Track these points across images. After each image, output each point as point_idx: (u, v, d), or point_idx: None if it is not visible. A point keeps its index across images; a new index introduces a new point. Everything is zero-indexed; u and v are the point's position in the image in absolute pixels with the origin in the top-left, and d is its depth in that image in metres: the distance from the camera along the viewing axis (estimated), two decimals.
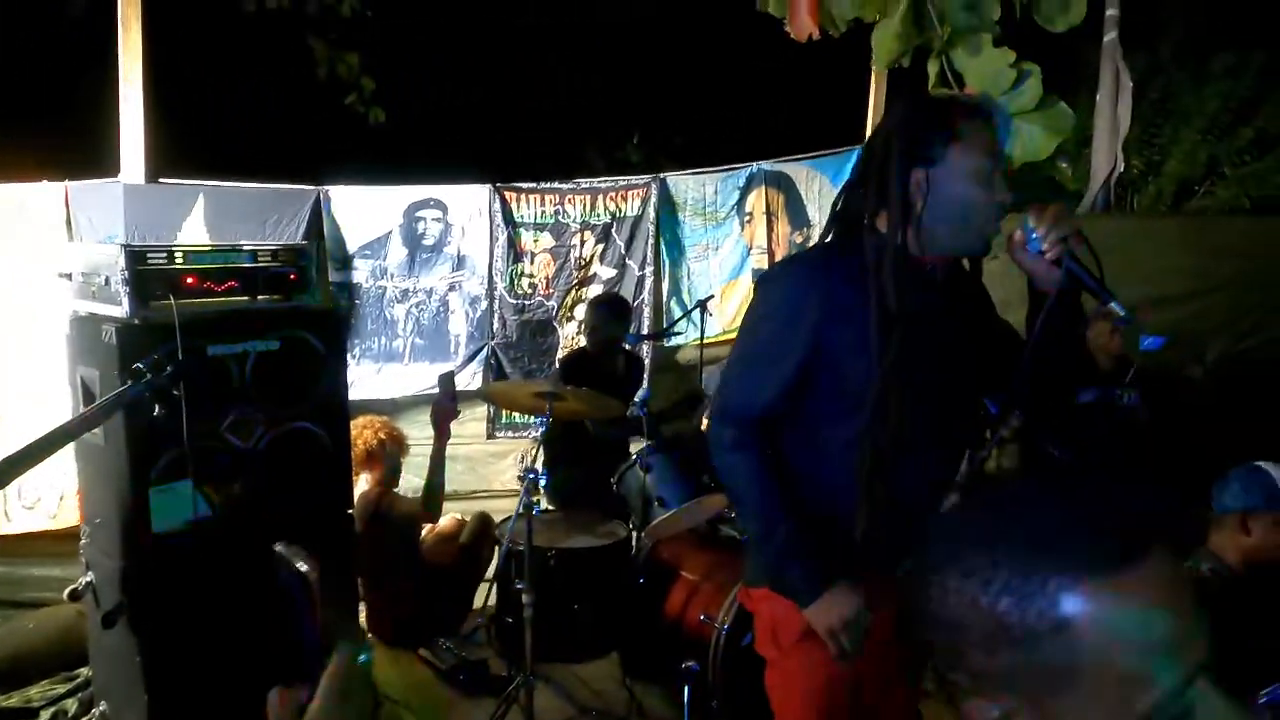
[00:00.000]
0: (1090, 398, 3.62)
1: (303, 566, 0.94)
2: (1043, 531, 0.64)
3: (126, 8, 3.33)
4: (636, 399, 3.63)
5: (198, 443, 2.19)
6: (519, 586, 2.65)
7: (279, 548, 0.94)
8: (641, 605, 2.86)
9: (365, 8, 7.36)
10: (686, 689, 2.56)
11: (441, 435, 2.98)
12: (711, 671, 2.57)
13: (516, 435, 4.62)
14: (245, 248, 2.38)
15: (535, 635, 2.62)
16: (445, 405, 2.95)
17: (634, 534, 3.06)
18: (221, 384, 2.29)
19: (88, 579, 2.39)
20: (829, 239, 1.62)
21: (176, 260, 2.22)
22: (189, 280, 2.23)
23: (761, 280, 1.65)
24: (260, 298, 2.39)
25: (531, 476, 2.64)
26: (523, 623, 2.62)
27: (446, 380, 2.97)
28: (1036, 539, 0.63)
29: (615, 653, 3.05)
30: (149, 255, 2.17)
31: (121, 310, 2.15)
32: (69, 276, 2.37)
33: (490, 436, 4.61)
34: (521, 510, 2.61)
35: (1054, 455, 3.38)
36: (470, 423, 4.42)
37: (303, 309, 2.46)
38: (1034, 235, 1.43)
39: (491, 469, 4.65)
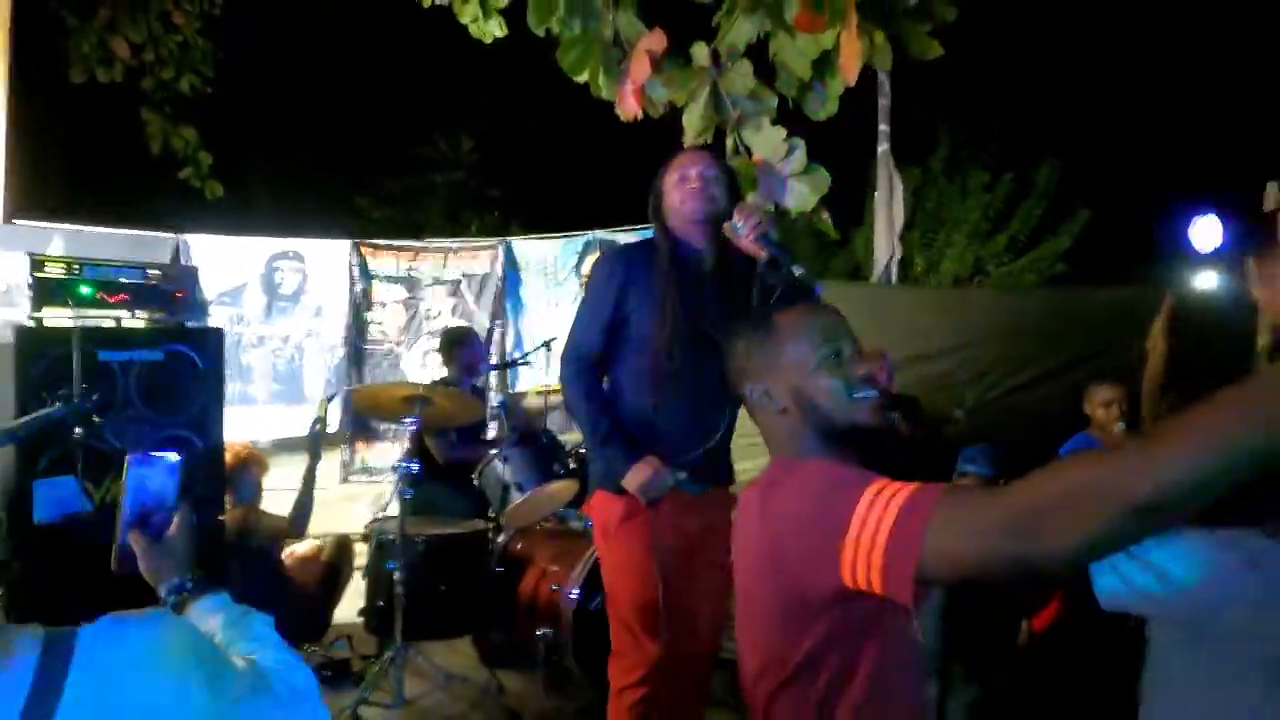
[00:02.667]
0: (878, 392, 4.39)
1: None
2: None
3: None
4: (495, 401, 4.00)
5: (83, 442, 2.37)
6: (390, 568, 2.95)
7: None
8: (498, 593, 3.19)
9: (206, 84, 7.37)
10: (543, 650, 2.93)
11: (313, 456, 3.26)
12: (564, 633, 2.94)
13: (371, 479, 4.82)
14: (137, 264, 2.62)
15: (406, 614, 2.91)
16: (315, 430, 3.24)
17: (492, 526, 3.39)
18: (108, 388, 2.49)
19: None
20: (641, 240, 2.36)
21: (74, 271, 2.44)
22: (85, 290, 2.45)
23: (590, 271, 2.32)
24: (148, 313, 2.62)
25: (404, 467, 2.97)
26: (394, 603, 2.91)
27: (321, 407, 3.28)
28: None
29: (476, 639, 3.34)
30: (48, 264, 2.39)
31: (21, 313, 2.34)
32: None
33: (344, 481, 4.78)
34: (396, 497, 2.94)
35: None
36: (326, 466, 4.58)
37: (186, 326, 2.70)
38: (738, 226, 2.08)
39: (344, 512, 4.79)
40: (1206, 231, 4.20)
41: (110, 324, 2.60)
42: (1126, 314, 5.23)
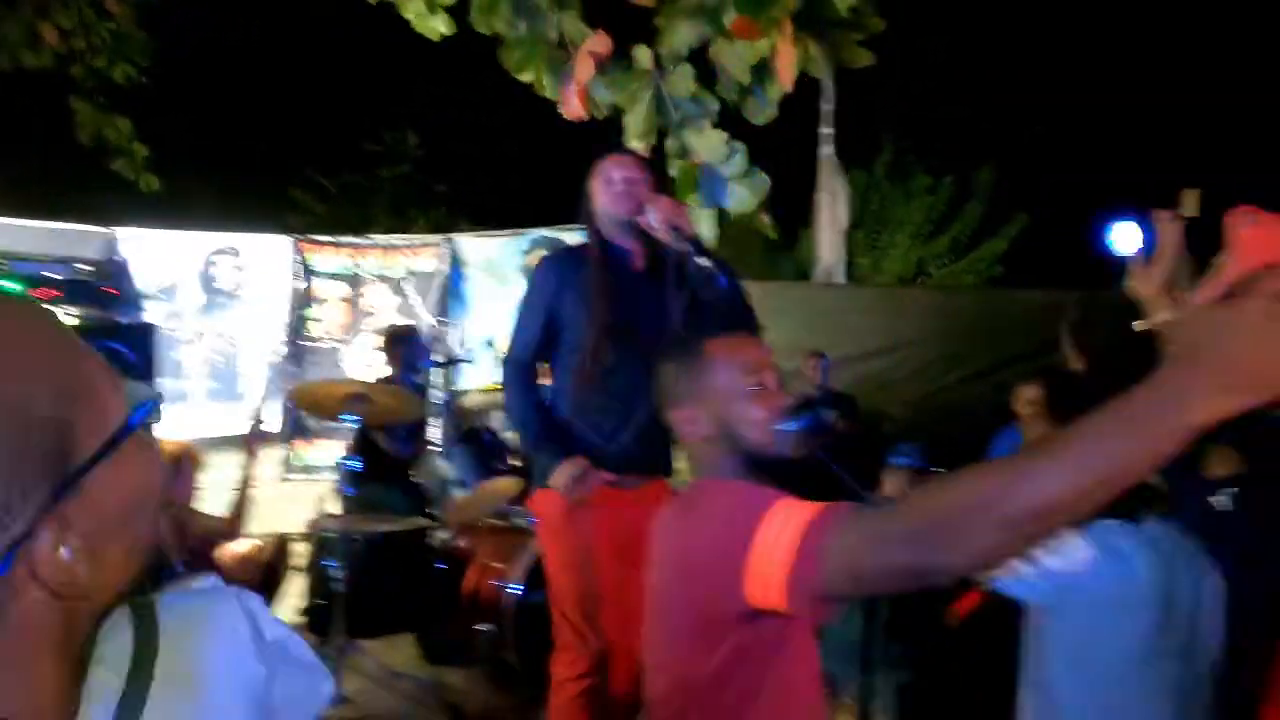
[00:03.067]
0: (804, 424, 4.51)
1: None
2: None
3: None
4: (438, 399, 3.99)
5: None
6: (331, 565, 2.95)
7: None
8: (440, 589, 3.19)
9: (141, 74, 7.13)
10: (484, 646, 2.97)
11: (251, 455, 3.21)
12: (506, 628, 2.97)
13: (311, 478, 4.76)
14: (66, 259, 2.57)
15: (347, 611, 2.91)
16: (254, 426, 3.21)
17: (432, 523, 3.39)
18: None
19: None
20: (575, 243, 2.40)
21: (1, 266, 2.38)
22: (11, 286, 2.39)
23: (531, 273, 2.37)
24: (79, 309, 2.57)
25: (346, 464, 2.97)
26: (335, 601, 2.91)
27: (255, 410, 3.24)
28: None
29: (418, 636, 3.34)
30: None
31: None
32: None
33: (284, 479, 4.71)
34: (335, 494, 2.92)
35: None
36: (265, 465, 4.51)
37: (118, 322, 2.66)
38: (651, 217, 2.17)
39: (284, 510, 4.71)
40: (1126, 235, 4.38)
41: None
42: (1056, 315, 5.46)
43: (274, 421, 4.52)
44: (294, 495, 4.71)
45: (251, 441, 3.20)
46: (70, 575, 0.54)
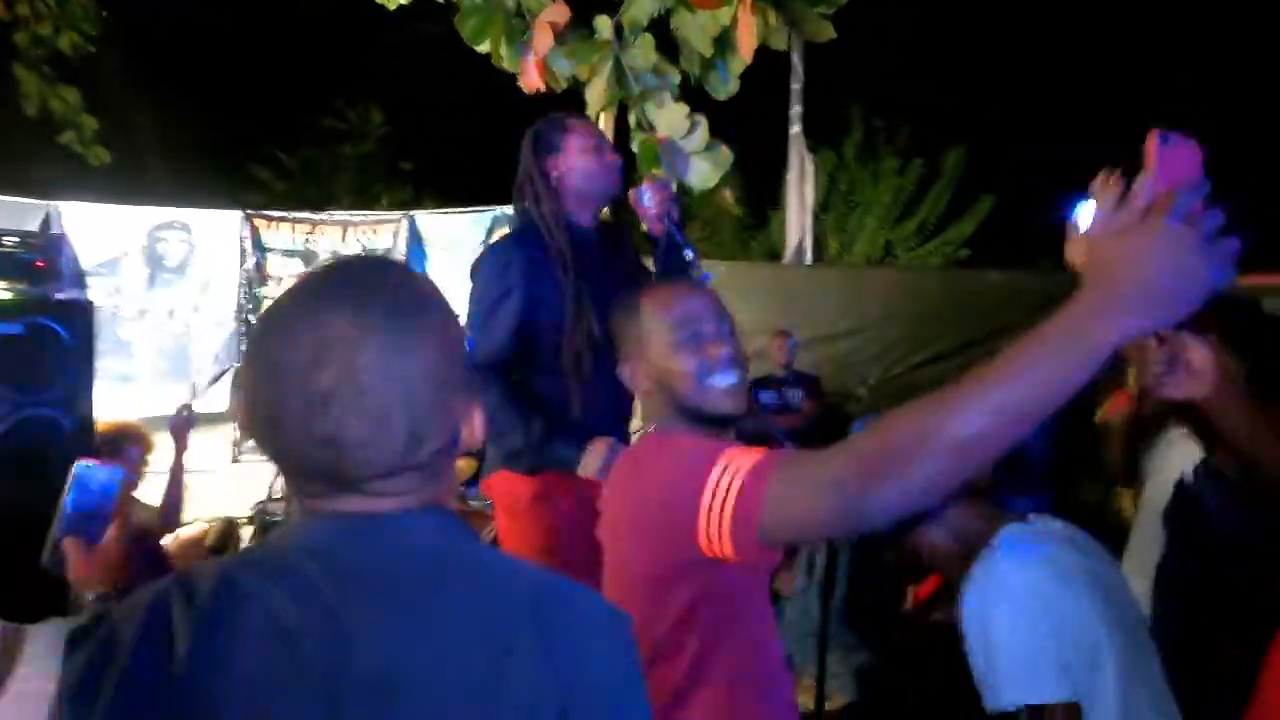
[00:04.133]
0: (770, 399, 4.47)
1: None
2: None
3: None
4: None
5: None
6: None
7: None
8: None
9: (89, 43, 6.85)
10: None
11: (180, 447, 3.10)
12: None
13: (262, 459, 4.63)
14: None
15: None
16: (181, 415, 3.09)
17: None
18: None
19: None
20: (514, 229, 2.18)
21: None
22: None
23: (473, 268, 2.12)
24: (3, 283, 2.44)
25: None
26: None
27: (187, 394, 3.12)
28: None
29: None
30: None
31: None
32: None
33: (235, 460, 4.59)
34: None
35: None
36: (215, 446, 4.40)
37: (50, 298, 2.53)
38: (645, 197, 2.06)
39: (234, 493, 4.61)
40: (1086, 215, 4.40)
41: None
42: (1019, 296, 5.46)
43: (224, 401, 4.39)
44: (245, 476, 4.60)
45: (179, 429, 3.09)
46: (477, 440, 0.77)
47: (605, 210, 2.22)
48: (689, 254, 1.99)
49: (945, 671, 2.51)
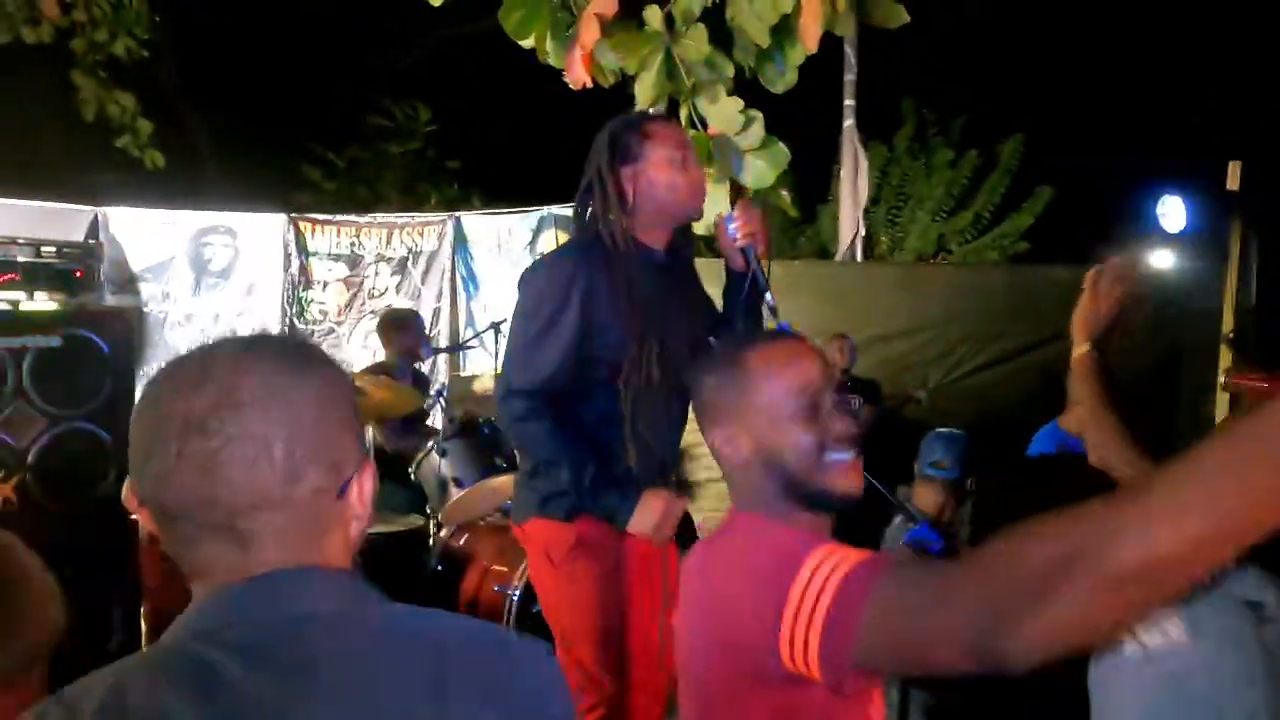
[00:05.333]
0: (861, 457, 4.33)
1: None
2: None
3: None
4: (434, 389, 3.82)
5: None
6: None
7: None
8: (438, 592, 3.02)
9: (142, 47, 6.91)
10: None
11: None
12: None
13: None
14: (25, 241, 2.38)
15: None
16: None
17: (430, 521, 3.22)
18: None
19: None
20: (575, 239, 1.97)
21: None
22: None
23: (524, 279, 1.92)
24: (41, 294, 2.39)
25: None
26: None
27: None
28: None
29: None
30: None
31: None
32: None
33: None
34: None
35: None
36: None
37: (88, 308, 2.48)
38: (731, 225, 1.85)
39: None
40: (1173, 211, 4.13)
41: (3, 307, 2.37)
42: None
43: None
44: None
45: None
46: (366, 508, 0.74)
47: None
48: (769, 299, 1.80)
49: (1025, 710, 2.31)
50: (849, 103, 7.44)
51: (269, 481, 0.66)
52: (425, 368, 4.15)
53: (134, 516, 2.69)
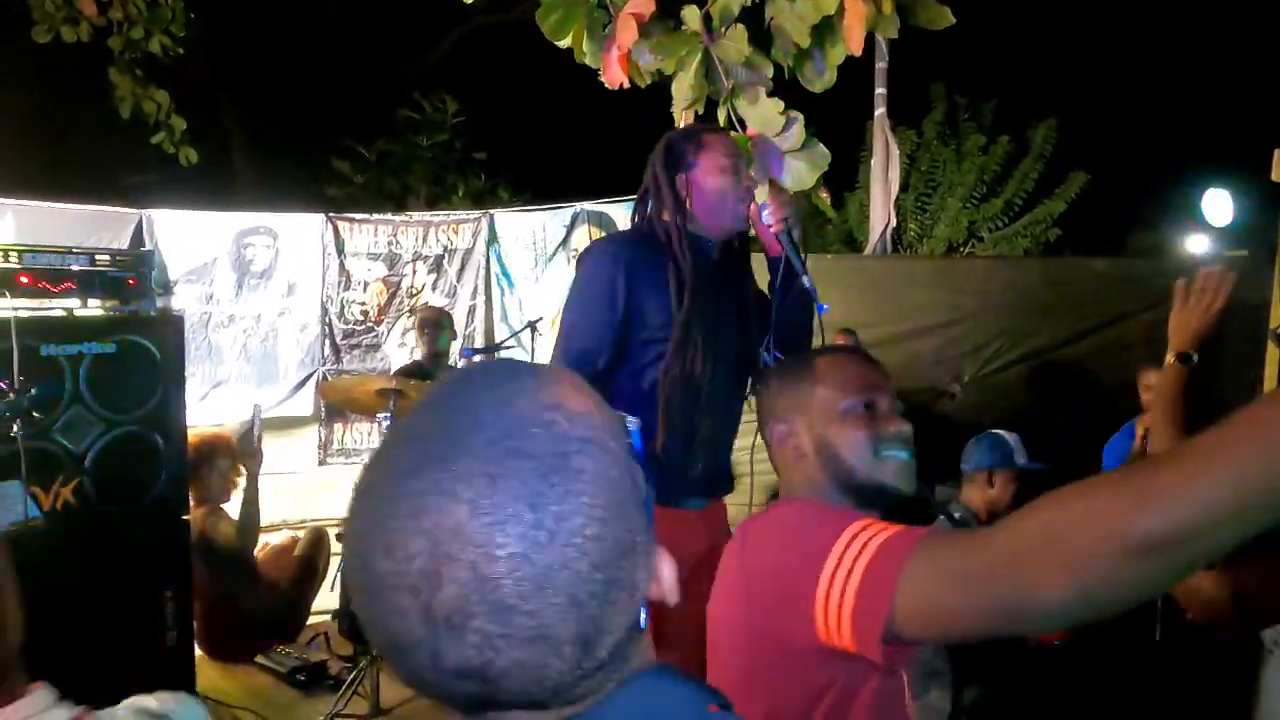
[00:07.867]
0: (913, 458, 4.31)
1: None
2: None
3: None
4: None
5: (28, 443, 2.21)
6: None
7: None
8: None
9: (177, 45, 6.99)
10: None
11: (250, 462, 3.12)
12: None
13: (349, 461, 4.67)
14: (81, 250, 2.43)
15: None
16: (246, 429, 3.13)
17: None
18: (54, 385, 2.32)
19: None
20: (631, 229, 2.03)
21: (11, 259, 2.25)
22: (24, 279, 2.26)
23: (580, 258, 1.99)
24: (96, 301, 2.44)
25: None
26: None
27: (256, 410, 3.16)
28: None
29: None
30: None
31: None
32: None
33: (322, 463, 4.63)
34: None
35: None
36: (301, 448, 4.44)
37: (140, 314, 2.53)
38: (765, 212, 1.89)
39: (322, 497, 4.65)
40: (1218, 204, 4.06)
41: (60, 314, 2.43)
42: (1126, 284, 5.09)
43: (310, 404, 4.42)
44: (333, 480, 4.63)
45: (246, 450, 3.09)
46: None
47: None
48: (806, 282, 1.82)
49: (1077, 711, 2.30)
50: (880, 91, 7.33)
51: (560, 674, 0.54)
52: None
53: (185, 517, 2.75)
